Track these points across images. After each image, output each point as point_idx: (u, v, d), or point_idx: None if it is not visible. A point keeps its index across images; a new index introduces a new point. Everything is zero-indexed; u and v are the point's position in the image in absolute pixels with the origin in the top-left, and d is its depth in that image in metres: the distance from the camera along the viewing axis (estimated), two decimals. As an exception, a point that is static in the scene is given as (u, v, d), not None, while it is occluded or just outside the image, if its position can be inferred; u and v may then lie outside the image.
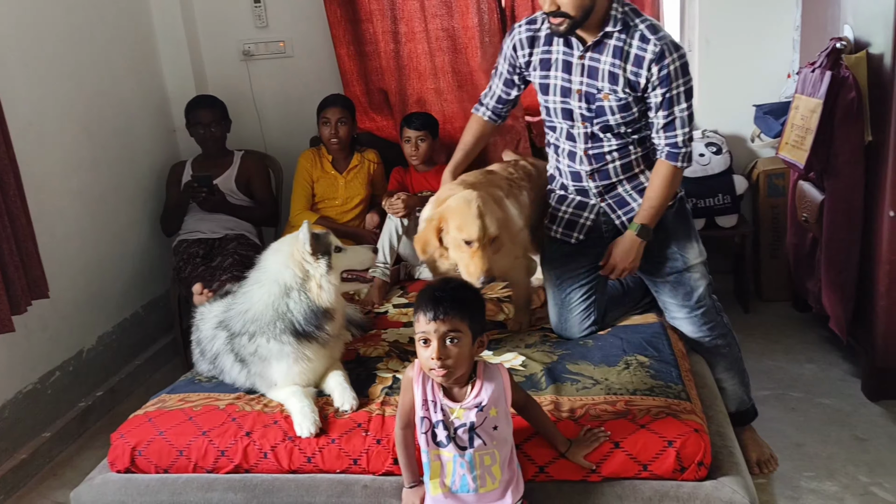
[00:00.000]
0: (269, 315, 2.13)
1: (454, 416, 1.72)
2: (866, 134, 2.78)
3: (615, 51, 2.17)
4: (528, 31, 2.31)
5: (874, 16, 2.73)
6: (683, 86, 2.18)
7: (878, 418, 2.78)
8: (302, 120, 3.96)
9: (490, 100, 2.51)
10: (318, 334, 2.13)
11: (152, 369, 3.70)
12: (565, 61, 2.25)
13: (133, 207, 3.73)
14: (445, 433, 1.71)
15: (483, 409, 1.71)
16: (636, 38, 2.15)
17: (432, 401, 1.74)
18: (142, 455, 2.08)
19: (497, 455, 1.73)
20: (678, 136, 2.22)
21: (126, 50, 3.73)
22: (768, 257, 3.84)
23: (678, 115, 2.20)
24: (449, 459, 1.72)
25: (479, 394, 1.72)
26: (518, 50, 2.33)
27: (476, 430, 1.71)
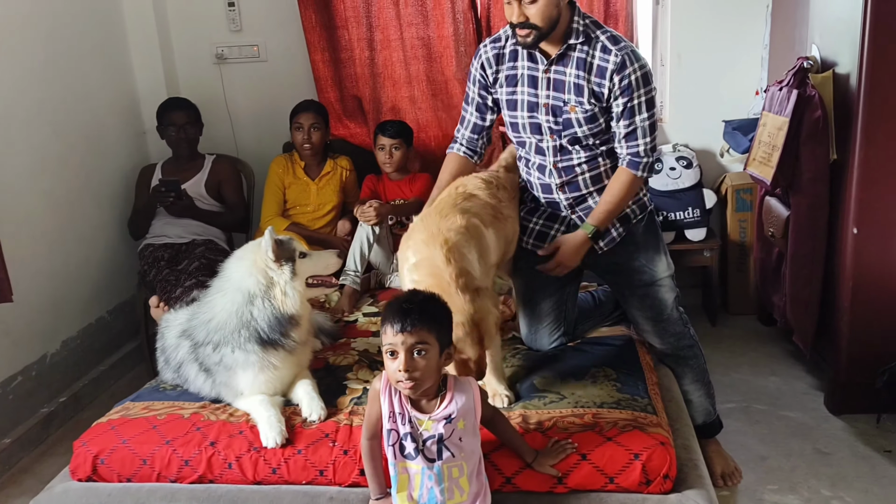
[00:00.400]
0: (232, 323, 2.11)
1: (423, 427, 1.71)
2: (831, 152, 2.84)
3: (579, 62, 2.19)
4: (494, 48, 2.33)
5: (841, 36, 2.79)
6: (645, 95, 2.19)
7: (840, 432, 2.83)
8: (275, 125, 3.94)
9: (465, 131, 2.46)
10: (283, 342, 2.12)
11: (117, 375, 3.64)
12: (531, 76, 2.26)
13: (101, 210, 3.67)
14: (413, 445, 1.71)
15: (451, 421, 1.71)
16: (598, 49, 2.18)
17: (400, 413, 1.73)
18: (104, 463, 2.05)
19: (465, 467, 1.73)
20: (640, 146, 2.23)
21: (97, 50, 3.68)
22: (735, 271, 3.90)
23: (640, 125, 2.21)
24: (417, 472, 1.71)
25: (449, 406, 1.72)
26: (487, 69, 2.34)
27: (444, 442, 1.71)
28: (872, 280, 2.78)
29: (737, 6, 3.76)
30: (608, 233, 2.37)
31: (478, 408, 1.78)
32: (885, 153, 2.69)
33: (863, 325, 2.82)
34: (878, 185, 2.71)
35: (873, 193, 2.72)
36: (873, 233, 2.75)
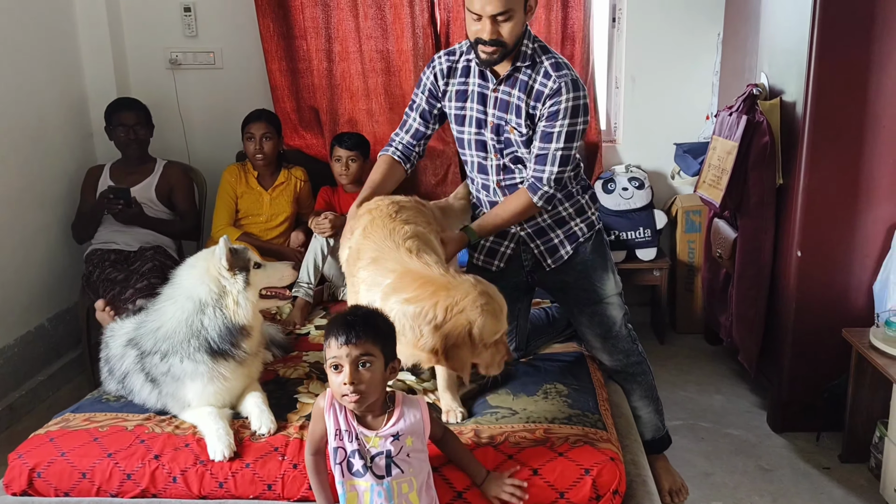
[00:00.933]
0: (182, 332, 2.06)
1: (370, 444, 1.69)
2: (777, 177, 2.93)
3: (521, 85, 2.22)
4: (448, 61, 2.34)
5: (788, 65, 2.89)
6: (568, 126, 2.18)
7: (781, 449, 2.90)
8: (229, 133, 3.88)
9: (405, 135, 2.43)
10: (234, 352, 2.08)
11: (56, 386, 3.51)
12: (480, 93, 2.28)
13: (43, 212, 3.55)
14: (361, 462, 1.69)
15: (399, 438, 1.70)
16: (541, 74, 2.20)
17: (346, 430, 1.71)
18: (41, 477, 1.96)
19: (414, 482, 1.71)
20: (545, 172, 2.21)
21: (45, 49, 3.58)
22: (683, 290, 3.98)
23: (552, 152, 2.20)
24: (366, 489, 1.69)
25: (396, 423, 1.71)
26: (438, 79, 2.34)
27: (393, 459, 1.69)
28: (814, 302, 2.87)
29: (690, 33, 3.87)
30: (556, 251, 2.39)
31: (426, 426, 1.75)
32: (828, 178, 2.79)
33: (805, 346, 2.90)
34: (822, 209, 2.81)
35: (816, 217, 2.81)
36: (816, 256, 2.84)
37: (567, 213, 2.40)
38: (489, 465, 1.89)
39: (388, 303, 1.91)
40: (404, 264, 1.98)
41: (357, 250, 2.10)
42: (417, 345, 1.87)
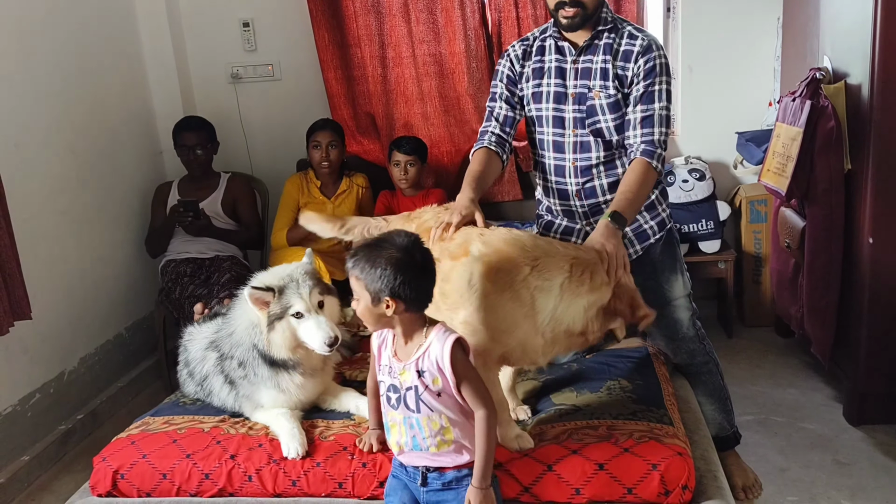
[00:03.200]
0: (245, 343, 2.12)
1: (402, 377, 1.74)
2: (846, 162, 2.84)
3: (605, 48, 2.21)
4: (522, 46, 2.34)
5: (852, 48, 2.80)
6: (666, 84, 2.18)
7: (859, 443, 2.80)
8: (289, 143, 3.99)
9: (496, 123, 2.34)
10: (291, 368, 2.11)
11: (134, 392, 3.66)
12: (558, 68, 2.27)
13: (118, 228, 3.71)
14: (396, 395, 1.75)
15: (423, 375, 1.71)
16: (625, 36, 2.20)
17: (386, 364, 1.78)
18: (124, 479, 2.05)
19: (446, 418, 1.71)
20: (654, 134, 2.16)
21: (114, 70, 3.74)
22: (751, 283, 3.88)
23: (658, 112, 2.17)
24: (399, 421, 1.76)
25: (423, 356, 1.71)
26: (515, 64, 2.33)
27: (420, 396, 1.72)
28: (889, 289, 2.76)
29: (748, 18, 3.78)
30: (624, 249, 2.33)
31: (447, 371, 1.68)
32: (899, 162, 2.69)
33: (880, 335, 2.80)
34: (893, 194, 2.71)
35: (888, 203, 2.71)
36: (889, 242, 2.73)
37: None
38: (551, 459, 1.89)
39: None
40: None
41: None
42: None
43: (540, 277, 1.85)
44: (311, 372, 2.15)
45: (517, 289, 1.84)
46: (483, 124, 2.39)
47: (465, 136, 3.94)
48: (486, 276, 1.86)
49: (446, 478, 1.75)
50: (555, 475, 1.87)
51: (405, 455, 1.78)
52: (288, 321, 2.05)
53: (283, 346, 2.06)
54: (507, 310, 1.85)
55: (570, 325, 1.86)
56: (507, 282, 1.84)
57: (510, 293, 1.84)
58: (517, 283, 1.84)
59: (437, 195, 3.49)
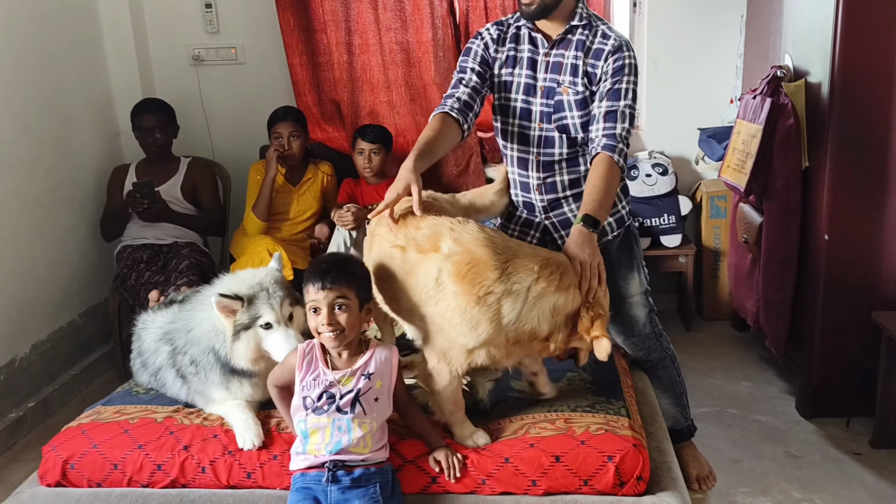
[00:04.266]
0: (203, 343, 2.06)
1: (342, 384, 1.81)
2: (803, 159, 2.88)
3: (578, 45, 2.20)
4: (497, 30, 2.31)
5: (813, 46, 2.84)
6: (633, 84, 2.18)
7: (811, 436, 2.87)
8: (252, 127, 3.92)
9: (463, 90, 2.23)
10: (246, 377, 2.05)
11: (88, 380, 3.58)
12: (530, 59, 2.26)
13: (72, 211, 3.62)
14: (329, 401, 1.80)
15: (370, 378, 1.83)
16: (598, 35, 2.20)
17: (314, 378, 1.83)
18: (74, 468, 2.01)
19: (374, 425, 1.82)
20: (616, 129, 2.13)
21: (71, 50, 3.64)
22: (710, 277, 3.94)
23: (621, 109, 2.16)
24: (325, 425, 1.80)
25: (369, 361, 1.84)
26: (489, 47, 2.29)
27: (360, 398, 1.81)
28: (843, 285, 2.82)
29: (712, 15, 3.82)
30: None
31: (393, 373, 1.87)
32: (855, 160, 2.74)
33: (834, 331, 2.86)
34: (849, 191, 2.76)
35: (844, 200, 2.77)
36: (844, 239, 2.79)
37: None
38: (508, 452, 1.90)
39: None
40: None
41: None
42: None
43: (508, 282, 1.82)
44: (264, 381, 2.04)
45: (484, 294, 1.82)
46: (449, 91, 2.28)
47: (430, 125, 3.91)
48: (455, 277, 1.83)
49: (355, 475, 1.79)
50: (511, 467, 1.88)
51: (320, 458, 1.79)
52: (255, 331, 1.97)
53: (245, 357, 2.00)
54: (473, 312, 1.83)
55: (534, 327, 1.84)
56: (474, 285, 1.82)
57: (477, 297, 1.82)
58: (485, 287, 1.82)
59: (400, 184, 3.45)
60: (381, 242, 2.03)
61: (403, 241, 1.94)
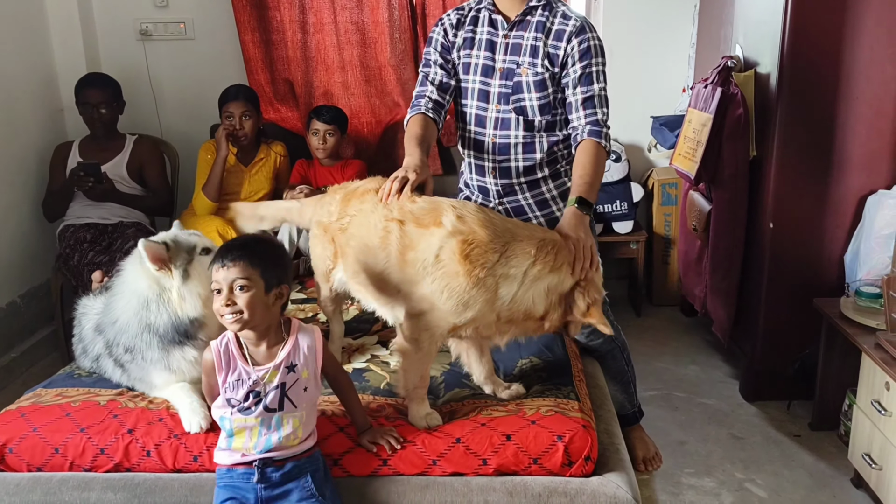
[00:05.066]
0: (134, 327, 2.01)
1: (266, 379, 1.74)
2: (751, 149, 2.94)
3: (538, 26, 2.21)
4: (457, 15, 2.32)
5: (763, 38, 2.89)
6: (602, 65, 2.20)
7: (753, 418, 2.95)
8: (202, 106, 3.83)
9: (432, 87, 2.30)
10: (189, 342, 2.01)
11: (29, 362, 3.47)
12: (489, 41, 2.26)
13: (12, 189, 3.49)
14: (255, 401, 1.73)
15: (294, 370, 1.75)
16: (558, 15, 2.21)
17: (236, 379, 1.75)
18: (13, 452, 1.95)
19: (303, 416, 1.77)
20: (598, 114, 2.16)
21: (11, 22, 3.49)
22: (660, 263, 4.01)
23: (597, 93, 2.18)
24: (252, 425, 1.74)
25: (291, 353, 1.76)
26: (449, 32, 2.30)
27: (287, 393, 1.74)
28: (787, 273, 2.90)
29: (666, 4, 3.86)
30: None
31: (318, 357, 1.80)
32: (800, 150, 2.81)
33: (777, 317, 2.94)
34: (794, 181, 2.83)
35: (788, 189, 2.84)
36: (788, 227, 2.86)
37: (550, 194, 2.36)
38: (460, 432, 1.91)
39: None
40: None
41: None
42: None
43: (507, 265, 1.83)
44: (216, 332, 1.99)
45: (484, 276, 1.81)
46: (417, 89, 2.34)
47: (386, 107, 3.88)
48: (458, 256, 1.82)
49: (286, 468, 1.75)
50: (463, 447, 1.88)
51: (249, 456, 1.75)
52: (199, 261, 1.97)
53: (201, 297, 1.95)
54: (470, 294, 1.82)
55: (529, 307, 1.85)
56: (475, 267, 1.81)
57: (476, 279, 1.81)
58: (486, 269, 1.82)
59: (355, 166, 3.43)
60: (366, 218, 1.99)
61: (399, 215, 1.92)
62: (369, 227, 1.98)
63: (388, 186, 1.98)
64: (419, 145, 2.13)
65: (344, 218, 2.08)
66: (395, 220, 1.92)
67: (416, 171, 2.00)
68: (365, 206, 2.03)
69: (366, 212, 2.01)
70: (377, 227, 1.95)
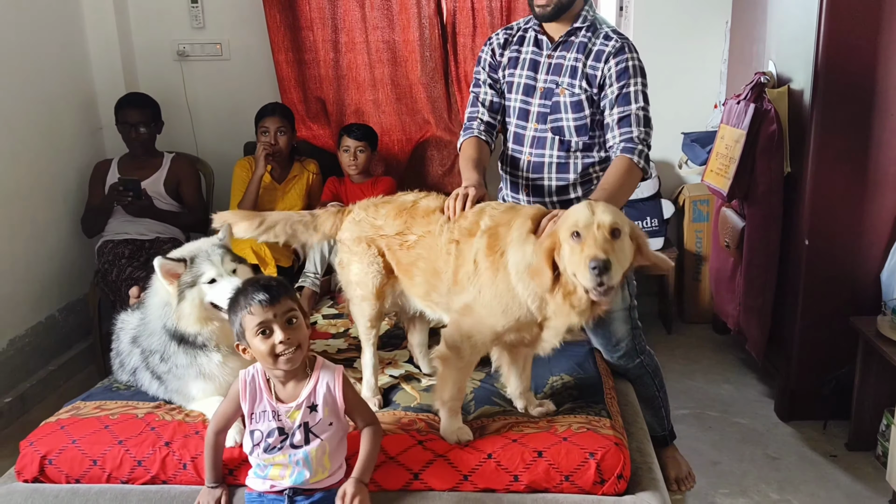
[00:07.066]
0: (157, 326, 2.07)
1: (290, 418, 1.74)
2: (786, 165, 2.92)
3: (580, 47, 2.23)
4: (505, 34, 2.36)
5: (796, 54, 2.87)
6: (642, 85, 2.19)
7: (789, 438, 2.90)
8: (236, 124, 3.90)
9: (483, 109, 2.35)
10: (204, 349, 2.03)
11: (66, 376, 3.54)
12: (533, 60, 2.28)
13: (53, 206, 3.58)
14: (281, 438, 1.73)
15: (316, 409, 1.75)
16: (601, 37, 2.22)
17: (263, 411, 1.75)
18: (52, 464, 1.98)
19: (328, 447, 1.77)
20: (633, 132, 2.15)
21: (53, 44, 3.60)
22: (691, 280, 3.97)
23: (634, 112, 2.17)
24: (284, 462, 1.74)
25: (314, 392, 1.75)
26: (496, 52, 2.34)
27: (311, 429, 1.74)
28: (822, 290, 2.86)
29: (698, 21, 3.85)
30: None
31: (339, 398, 1.76)
32: (835, 166, 2.78)
33: (812, 335, 2.90)
34: (829, 197, 2.80)
35: (824, 206, 2.81)
36: (824, 244, 2.83)
37: None
38: (491, 448, 1.91)
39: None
40: None
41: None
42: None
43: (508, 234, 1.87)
44: (229, 349, 2.04)
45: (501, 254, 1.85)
46: (469, 110, 2.38)
47: (416, 124, 3.92)
48: (485, 250, 1.87)
49: (315, 498, 1.76)
50: (494, 462, 1.88)
51: (278, 486, 1.76)
52: (199, 289, 2.00)
53: (192, 317, 1.99)
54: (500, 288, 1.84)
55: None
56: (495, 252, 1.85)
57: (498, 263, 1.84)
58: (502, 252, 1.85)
59: (385, 183, 3.46)
60: (434, 240, 2.02)
61: (458, 235, 1.96)
62: (438, 251, 2.00)
63: (451, 204, 2.00)
64: (475, 167, 2.18)
65: (408, 235, 2.07)
66: (455, 242, 1.96)
67: (475, 187, 2.04)
68: (433, 227, 2.03)
69: (434, 234, 2.02)
70: (443, 251, 1.98)
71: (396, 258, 2.11)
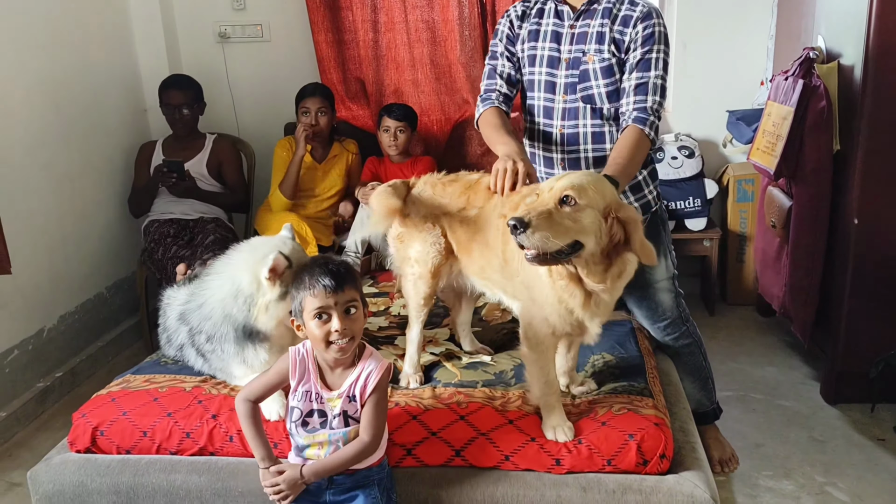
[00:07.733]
0: (217, 314, 2.04)
1: (330, 405, 1.74)
2: (835, 143, 2.84)
3: (604, 13, 2.19)
4: (522, 7, 2.33)
5: (846, 28, 2.79)
6: (664, 53, 2.16)
7: (834, 421, 2.85)
8: (277, 105, 3.93)
9: (501, 81, 2.30)
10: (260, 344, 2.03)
11: (114, 352, 3.64)
12: (555, 32, 2.25)
13: (100, 186, 3.66)
14: (320, 420, 1.74)
15: (354, 399, 1.73)
16: (625, 2, 2.19)
17: (306, 391, 1.74)
18: (104, 435, 2.05)
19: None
20: (647, 101, 2.12)
21: (99, 26, 3.66)
22: (734, 261, 3.91)
23: (652, 80, 2.14)
24: (323, 440, 1.74)
25: (356, 383, 1.73)
26: (514, 24, 2.31)
27: (350, 416, 1.74)
28: (871, 271, 2.79)
29: (743, -4, 3.76)
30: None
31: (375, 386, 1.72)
32: (887, 145, 2.69)
33: (860, 317, 2.83)
34: (880, 176, 2.72)
35: (875, 184, 2.73)
36: (874, 224, 2.75)
37: None
38: (531, 430, 1.91)
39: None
40: None
41: None
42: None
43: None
44: (278, 349, 2.03)
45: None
46: (486, 82, 2.34)
47: (455, 104, 3.90)
48: None
49: (356, 477, 1.76)
50: (537, 445, 1.89)
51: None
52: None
53: (274, 318, 1.95)
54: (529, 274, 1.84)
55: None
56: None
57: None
58: None
59: (425, 163, 3.46)
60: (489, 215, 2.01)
61: (507, 209, 1.88)
62: (490, 225, 1.99)
63: (500, 182, 1.91)
64: (509, 133, 2.12)
65: (469, 210, 2.06)
66: (503, 216, 1.89)
67: (523, 161, 1.94)
68: (492, 201, 2.00)
69: (487, 210, 2.02)
70: (493, 226, 1.97)
71: (457, 237, 2.11)
